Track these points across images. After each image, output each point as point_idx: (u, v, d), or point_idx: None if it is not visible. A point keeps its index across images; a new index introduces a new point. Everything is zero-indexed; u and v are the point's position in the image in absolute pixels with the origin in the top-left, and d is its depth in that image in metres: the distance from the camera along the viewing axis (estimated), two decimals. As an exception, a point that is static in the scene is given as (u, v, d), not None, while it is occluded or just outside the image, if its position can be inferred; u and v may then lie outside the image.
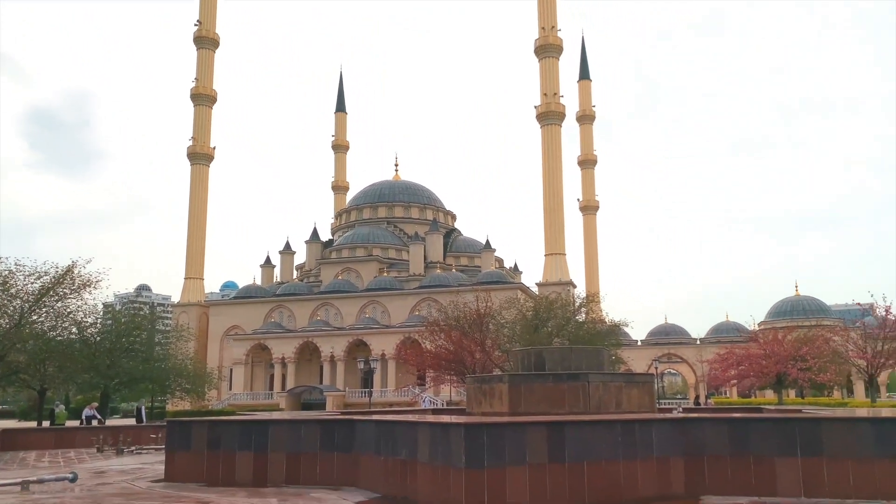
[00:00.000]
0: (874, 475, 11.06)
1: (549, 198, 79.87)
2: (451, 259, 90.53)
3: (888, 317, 39.10)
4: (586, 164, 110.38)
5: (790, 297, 77.76)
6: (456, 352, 33.28)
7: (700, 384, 73.92)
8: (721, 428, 12.06)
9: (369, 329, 75.30)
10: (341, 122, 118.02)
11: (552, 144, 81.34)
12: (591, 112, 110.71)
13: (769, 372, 39.17)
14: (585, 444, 11.22)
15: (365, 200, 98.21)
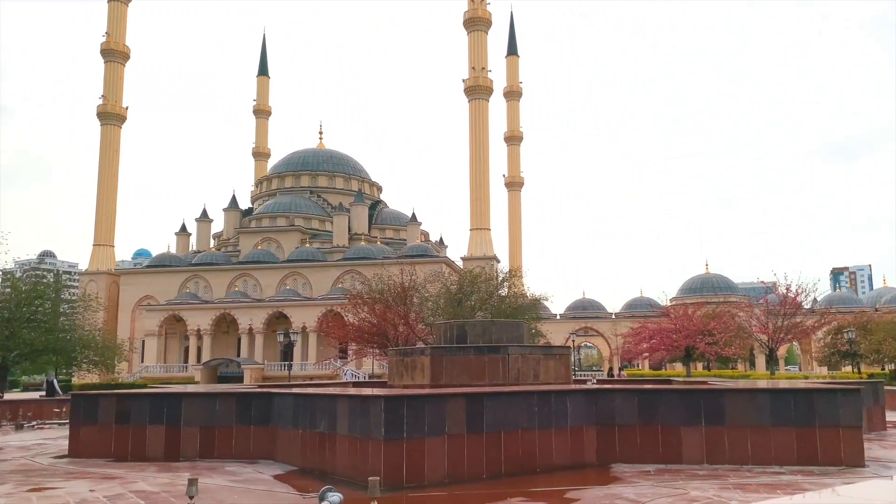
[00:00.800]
0: (770, 442, 11.77)
1: (476, 173, 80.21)
2: (377, 231, 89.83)
3: (788, 295, 41.53)
4: (512, 140, 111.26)
5: (700, 275, 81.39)
6: (379, 325, 33.14)
7: (614, 357, 76.74)
8: (632, 399, 12.52)
9: (290, 301, 74.01)
10: (263, 86, 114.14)
11: (479, 119, 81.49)
12: (519, 88, 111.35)
13: (679, 345, 41.00)
14: (503, 415, 11.43)
15: (287, 168, 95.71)
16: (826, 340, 49.39)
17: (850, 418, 11.77)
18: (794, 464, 11.54)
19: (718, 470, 11.30)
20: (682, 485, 10.02)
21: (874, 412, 18.64)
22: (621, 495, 9.47)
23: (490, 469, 11.07)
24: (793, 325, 41.60)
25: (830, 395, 12.04)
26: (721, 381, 22.98)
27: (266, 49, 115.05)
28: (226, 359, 71.43)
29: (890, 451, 14.37)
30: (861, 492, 4.16)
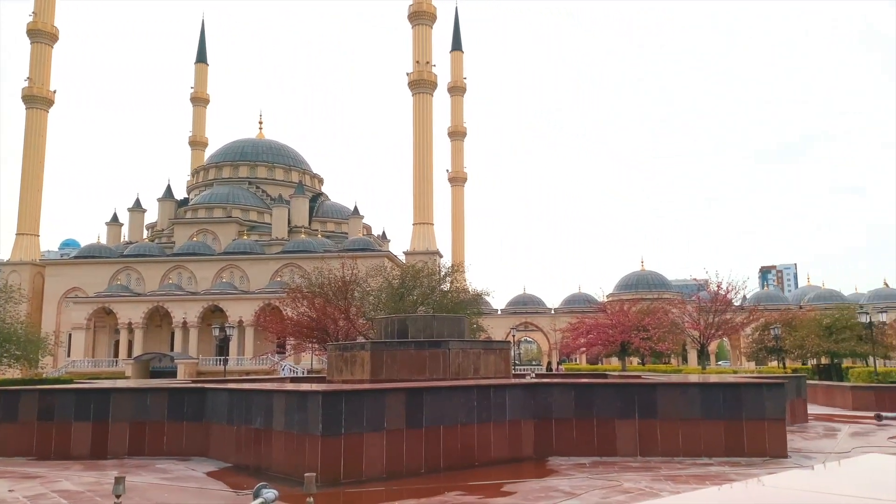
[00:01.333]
0: (700, 435, 12.16)
1: (419, 167, 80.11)
2: (317, 224, 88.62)
3: (719, 292, 43.03)
4: (456, 135, 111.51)
5: (636, 272, 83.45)
6: (319, 319, 32.72)
7: (553, 351, 77.98)
8: (568, 393, 12.73)
9: (227, 294, 72.32)
10: (202, 73, 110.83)
11: (423, 113, 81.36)
12: (463, 84, 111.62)
13: (615, 340, 41.97)
14: (443, 410, 11.44)
15: (225, 158, 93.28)
16: (754, 336, 51.38)
17: (774, 411, 12.27)
18: (722, 455, 11.96)
19: (651, 462, 11.61)
20: (616, 477, 10.25)
21: (797, 405, 19.51)
22: (556, 488, 9.61)
23: (429, 464, 11.07)
24: (723, 321, 43.10)
25: (756, 389, 12.52)
26: (655, 375, 23.64)
27: (205, 36, 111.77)
28: (158, 353, 69.31)
29: (810, 442, 15.08)
30: (784, 481, 4.30)
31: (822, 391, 29.62)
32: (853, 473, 4.80)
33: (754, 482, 5.09)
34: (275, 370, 56.81)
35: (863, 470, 4.83)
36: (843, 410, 25.11)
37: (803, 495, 3.90)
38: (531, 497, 9.11)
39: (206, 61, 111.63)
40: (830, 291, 79.53)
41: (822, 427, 18.63)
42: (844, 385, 30.06)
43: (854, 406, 25.54)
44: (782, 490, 4.14)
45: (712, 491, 4.01)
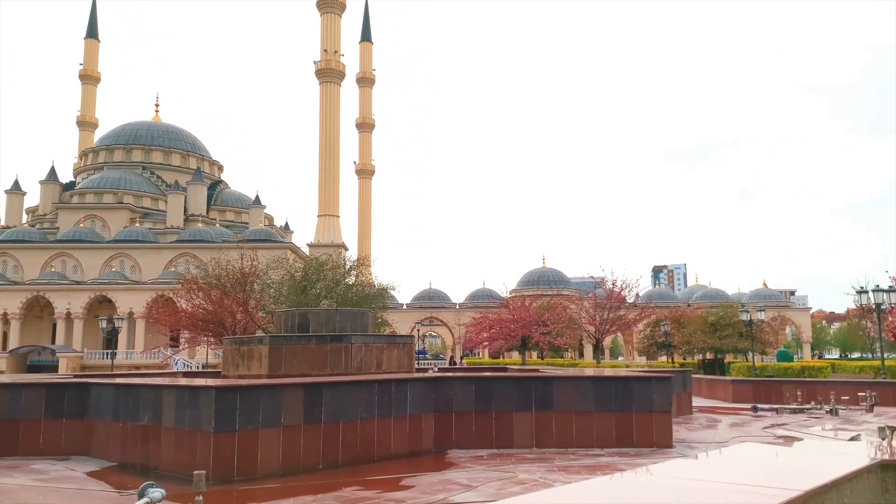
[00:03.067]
0: (592, 426, 12.60)
1: (325, 157, 78.81)
2: (216, 213, 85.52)
3: (614, 290, 44.89)
4: (364, 127, 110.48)
5: (538, 269, 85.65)
6: (215, 312, 31.56)
7: (457, 346, 78.88)
8: (469, 386, 12.87)
9: (116, 284, 68.54)
10: (92, 49, 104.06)
11: (331, 103, 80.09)
12: (372, 75, 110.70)
13: (516, 335, 42.99)
14: (342, 405, 11.29)
15: (118, 141, 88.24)
16: (646, 332, 53.88)
17: (661, 404, 12.88)
18: (613, 446, 12.43)
19: (546, 453, 11.91)
20: (512, 468, 10.45)
21: (683, 398, 20.60)
22: (454, 480, 9.69)
23: (327, 459, 10.90)
24: (617, 317, 45.03)
25: (646, 382, 13.09)
26: (552, 369, 24.33)
27: (96, 10, 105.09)
28: (38, 346, 64.81)
29: (694, 432, 15.96)
30: (668, 470, 4.47)
31: (706, 384, 31.46)
32: (730, 461, 5.06)
33: (642, 471, 5.27)
34: (167, 364, 54.36)
35: (738, 458, 5.11)
36: (724, 403, 26.74)
37: (684, 483, 4.07)
38: (429, 490, 9.13)
39: (97, 37, 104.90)
40: (716, 291, 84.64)
41: (704, 418, 19.76)
42: (726, 379, 32.06)
43: (734, 398, 27.26)
44: (666, 478, 4.30)
45: (602, 480, 4.12)
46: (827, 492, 3.65)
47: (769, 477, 4.15)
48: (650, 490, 4.06)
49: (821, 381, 27.32)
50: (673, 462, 5.29)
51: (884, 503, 4.44)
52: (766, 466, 4.67)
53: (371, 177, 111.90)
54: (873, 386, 24.55)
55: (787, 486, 3.55)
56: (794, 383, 26.69)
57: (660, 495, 3.81)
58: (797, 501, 3.38)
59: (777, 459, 5.12)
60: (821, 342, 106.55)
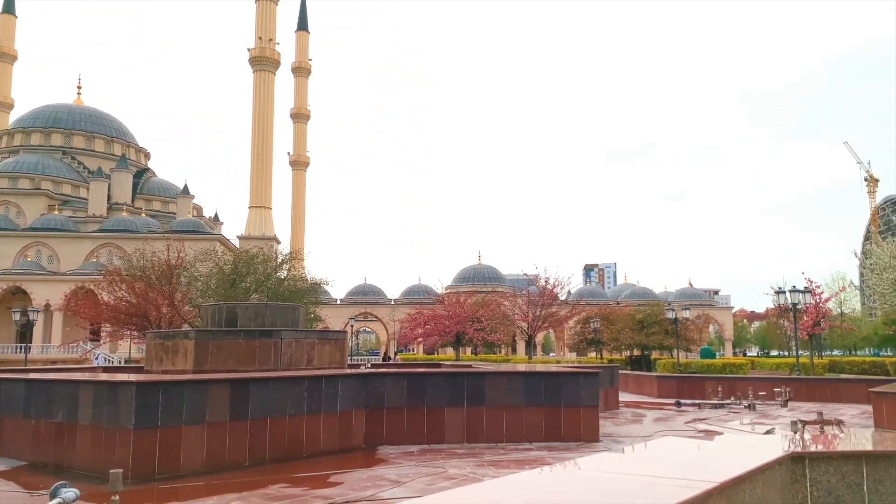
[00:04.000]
0: (522, 421, 12.75)
1: (258, 147, 77.10)
2: (142, 202, 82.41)
3: (547, 287, 45.63)
4: (299, 117, 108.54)
5: (473, 265, 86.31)
6: (139, 305, 30.39)
7: (391, 341, 78.63)
8: (401, 382, 12.82)
9: (31, 274, 65.16)
10: (8, 25, 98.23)
11: (265, 92, 78.37)
12: (308, 65, 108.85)
13: (451, 331, 43.12)
14: (271, 401, 11.05)
15: (36, 123, 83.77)
16: (576, 329, 55.02)
17: (589, 399, 13.15)
18: (542, 440, 12.62)
19: (476, 448, 11.98)
20: (442, 463, 10.46)
21: (610, 393, 21.12)
22: (384, 476, 9.62)
23: (253, 456, 10.65)
24: (549, 314, 45.78)
25: (574, 378, 13.34)
26: (485, 364, 24.56)
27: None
28: (-56, 340, 61.03)
29: (620, 427, 16.37)
30: (594, 464, 4.53)
31: (633, 380, 32.40)
32: (653, 455, 5.18)
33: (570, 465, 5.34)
34: (87, 359, 52.12)
35: (661, 452, 5.23)
36: (649, 398, 27.58)
37: (609, 476, 4.13)
38: (358, 486, 9.04)
39: (13, 12, 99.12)
40: (644, 289, 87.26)
41: (630, 413, 20.32)
42: (651, 375, 33.09)
43: (659, 394, 28.16)
44: (592, 472, 4.36)
45: (529, 474, 4.15)
46: (741, 483, 3.78)
47: (689, 470, 4.26)
48: (576, 483, 4.11)
49: (740, 378, 28.53)
50: (598, 456, 5.39)
51: (793, 492, 4.64)
52: (686, 460, 4.80)
53: (305, 168, 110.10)
54: (788, 382, 25.82)
55: (705, 479, 3.66)
56: (716, 379, 27.78)
57: (585, 488, 3.86)
58: (713, 492, 3.48)
59: (697, 453, 5.27)
60: (742, 340, 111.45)
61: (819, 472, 4.68)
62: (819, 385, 26.45)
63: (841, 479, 4.69)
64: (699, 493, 3.37)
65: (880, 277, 27.40)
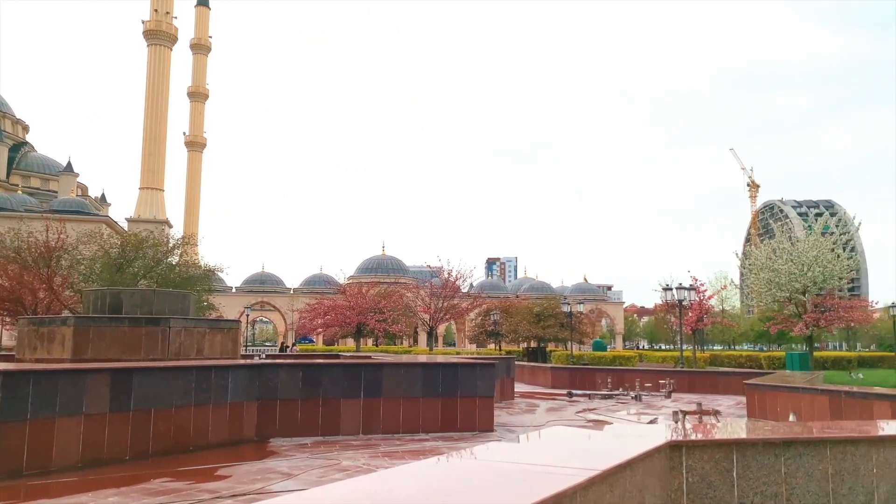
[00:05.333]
0: (419, 412, 12.77)
1: (151, 126, 73.29)
2: (18, 178, 76.51)
3: (449, 279, 45.99)
4: (197, 96, 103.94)
5: (377, 256, 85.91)
6: (12, 289, 28.13)
7: (290, 332, 77.04)
8: (296, 373, 12.53)
9: None
10: None
11: (160, 67, 74.54)
12: (208, 42, 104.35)
13: (351, 322, 42.64)
14: (155, 392, 10.52)
15: None
16: (477, 321, 55.86)
17: (485, 389, 13.35)
18: (438, 431, 12.70)
19: (372, 439, 11.90)
20: (336, 455, 10.31)
21: (506, 384, 21.58)
22: (274, 469, 9.37)
23: (136, 449, 10.10)
24: (451, 306, 46.19)
25: (471, 369, 13.49)
26: (385, 356, 24.45)
27: None
28: None
29: (515, 417, 16.75)
30: (486, 453, 4.56)
31: (529, 371, 33.28)
32: (543, 444, 5.27)
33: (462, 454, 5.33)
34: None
35: (551, 441, 5.33)
36: (544, 388, 28.41)
37: (499, 465, 4.16)
38: (246, 480, 8.74)
39: None
40: (542, 283, 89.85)
41: (525, 403, 20.84)
42: (546, 366, 34.11)
43: (553, 384, 29.07)
44: (483, 461, 4.38)
45: (422, 463, 4.10)
46: (622, 470, 3.89)
47: (576, 458, 4.35)
48: (467, 472, 4.11)
49: (629, 370, 29.89)
50: (491, 445, 5.42)
51: (671, 478, 4.84)
52: (574, 448, 4.91)
53: (202, 150, 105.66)
54: (672, 374, 27.31)
55: (590, 467, 3.73)
56: (606, 371, 28.99)
57: (474, 477, 3.86)
58: (596, 480, 3.56)
59: (584, 442, 5.41)
60: (632, 334, 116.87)
61: (694, 459, 4.91)
62: (700, 377, 28.11)
63: (714, 465, 4.94)
64: (582, 481, 3.43)
65: (757, 277, 29.34)
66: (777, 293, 28.80)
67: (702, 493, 4.89)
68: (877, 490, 5.31)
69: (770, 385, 17.65)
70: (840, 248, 28.61)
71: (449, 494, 3.28)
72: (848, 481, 5.23)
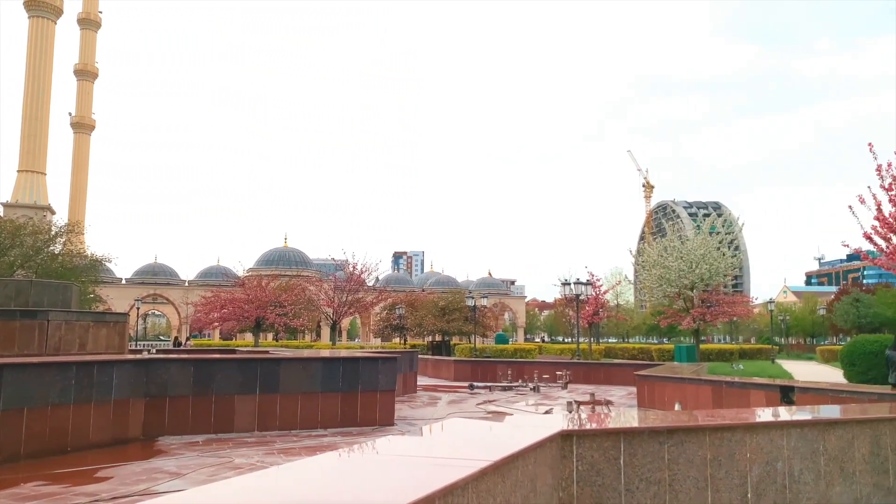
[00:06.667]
0: (318, 407, 12.52)
1: (32, 105, 68.12)
2: None
3: (354, 272, 45.50)
4: (84, 75, 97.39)
5: (279, 248, 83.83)
6: None
7: (184, 326, 73.95)
8: (187, 369, 11.99)
9: None
10: None
11: (42, 41, 69.37)
12: (97, 18, 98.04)
13: (250, 316, 41.39)
14: (28, 390, 9.77)
15: None
16: (382, 315, 55.65)
17: (387, 383, 13.25)
18: (337, 426, 12.50)
19: (268, 436, 11.56)
20: (229, 453, 9.94)
21: (409, 377, 21.56)
22: (161, 469, 8.91)
23: (6, 452, 9.35)
24: (356, 300, 45.72)
25: (373, 363, 13.37)
26: (284, 350, 23.88)
27: None
28: None
29: (416, 410, 16.75)
30: (384, 446, 4.48)
31: (432, 364, 33.47)
32: (441, 437, 5.25)
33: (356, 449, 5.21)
34: None
35: (449, 433, 5.32)
36: (447, 381, 28.64)
37: (394, 458, 4.10)
38: (129, 481, 8.26)
39: None
40: (448, 277, 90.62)
41: (427, 396, 20.92)
42: (449, 359, 34.41)
43: (455, 377, 29.36)
44: (380, 454, 4.30)
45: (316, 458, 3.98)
46: (514, 461, 3.92)
47: (471, 450, 4.35)
48: (360, 466, 4.01)
49: (529, 362, 30.63)
50: (388, 438, 5.34)
51: (562, 467, 4.94)
52: (470, 440, 4.91)
53: (90, 132, 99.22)
54: (569, 366, 28.21)
55: (484, 458, 3.74)
56: (507, 363, 29.59)
57: (368, 470, 3.77)
58: (488, 471, 3.57)
59: (480, 433, 5.43)
60: (533, 327, 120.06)
61: (584, 448, 5.04)
62: (595, 369, 29.20)
63: (603, 453, 5.08)
64: (474, 472, 3.43)
65: (649, 274, 30.78)
66: (667, 289, 30.35)
67: (591, 480, 5.02)
68: (750, 473, 5.64)
69: (658, 376, 18.54)
70: (725, 246, 30.44)
71: (339, 489, 3.20)
72: (724, 466, 5.52)
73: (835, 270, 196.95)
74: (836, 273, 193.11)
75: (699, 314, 29.58)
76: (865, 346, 14.91)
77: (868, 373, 14.04)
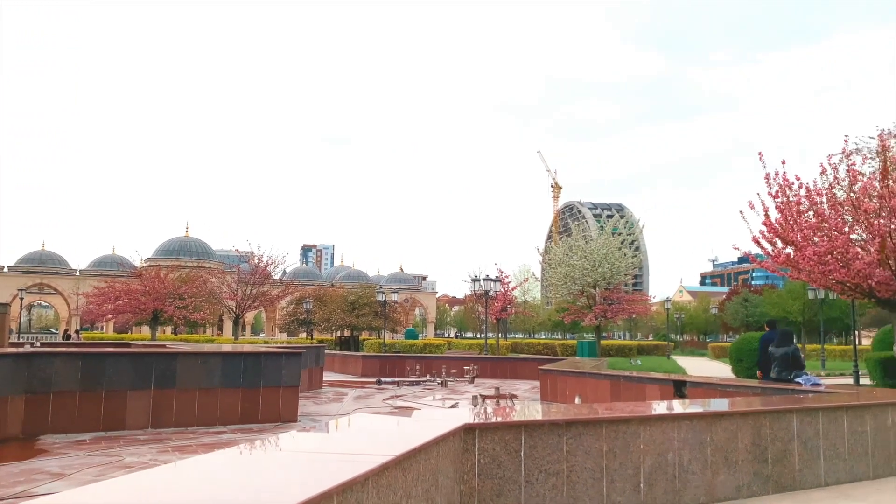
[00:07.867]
0: (217, 404, 12.08)
1: None
2: None
3: (260, 265, 44.26)
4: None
5: (179, 238, 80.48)
6: None
7: (74, 318, 69.79)
8: (75, 363, 11.29)
9: None
10: None
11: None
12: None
13: (147, 308, 39.54)
14: None
15: None
16: (288, 309, 54.44)
17: (290, 379, 12.96)
18: (237, 423, 12.10)
19: (162, 434, 11.05)
20: (119, 451, 9.42)
21: (314, 373, 21.21)
22: (43, 469, 8.33)
23: None
24: (261, 293, 44.50)
25: (276, 358, 13.03)
26: (183, 344, 22.97)
27: None
28: None
29: (321, 406, 16.49)
30: (284, 442, 4.38)
31: (340, 360, 33.07)
32: (345, 432, 5.16)
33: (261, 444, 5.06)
34: None
35: (353, 429, 5.24)
36: (354, 377, 28.37)
37: (290, 454, 4.01)
38: (5, 483, 7.67)
39: None
40: (358, 272, 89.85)
41: (333, 392, 20.63)
42: (357, 354, 34.12)
43: (363, 373, 29.14)
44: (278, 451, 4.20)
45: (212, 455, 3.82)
46: (416, 455, 3.90)
47: (374, 445, 4.30)
48: (257, 462, 3.89)
49: (437, 357, 30.81)
50: (289, 434, 5.21)
51: (464, 460, 4.96)
52: (374, 435, 4.86)
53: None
54: (477, 361, 28.59)
55: (386, 453, 3.71)
56: (416, 358, 29.65)
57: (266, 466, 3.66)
58: (390, 465, 3.53)
59: (384, 428, 5.39)
60: (443, 322, 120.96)
61: (486, 441, 5.08)
62: (502, 364, 29.73)
63: (504, 446, 5.14)
64: (375, 467, 3.39)
65: (555, 271, 31.68)
66: (572, 286, 31.31)
67: (492, 473, 5.06)
68: (643, 464, 5.86)
69: (560, 370, 19.08)
70: (626, 247, 31.72)
71: (233, 486, 3.07)
72: (619, 457, 5.71)
73: (727, 272, 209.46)
74: (728, 274, 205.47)
75: (601, 311, 30.67)
76: (752, 344, 15.89)
77: (754, 368, 14.97)
